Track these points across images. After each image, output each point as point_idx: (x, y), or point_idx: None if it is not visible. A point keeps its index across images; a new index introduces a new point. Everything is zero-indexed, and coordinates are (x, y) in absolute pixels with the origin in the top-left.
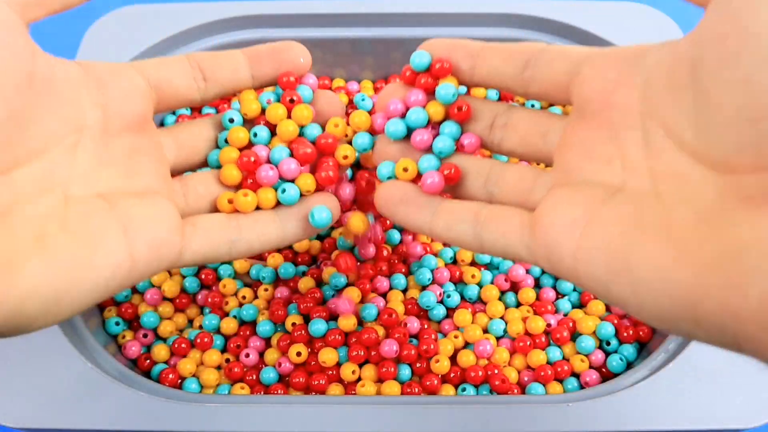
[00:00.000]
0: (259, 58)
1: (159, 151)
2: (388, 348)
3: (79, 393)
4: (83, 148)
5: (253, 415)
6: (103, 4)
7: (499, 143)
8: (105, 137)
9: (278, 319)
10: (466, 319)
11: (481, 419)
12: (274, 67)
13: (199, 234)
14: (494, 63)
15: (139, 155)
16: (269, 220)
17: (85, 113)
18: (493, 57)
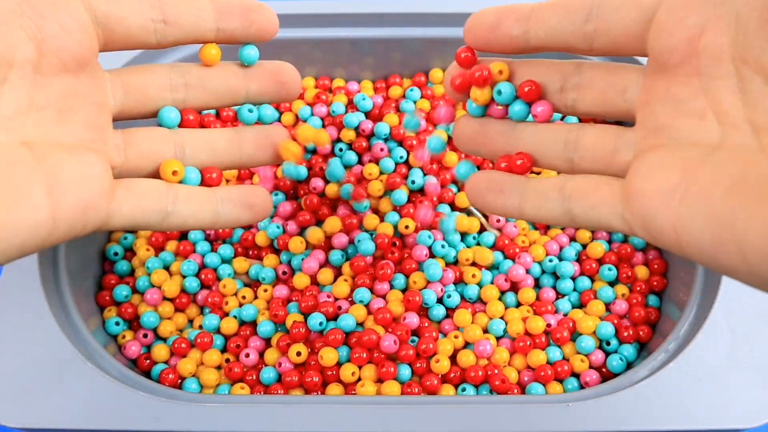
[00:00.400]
0: (228, 12)
1: (100, 96)
2: (387, 344)
3: (79, 393)
4: (11, 87)
5: (253, 415)
6: None
7: (573, 105)
8: (37, 76)
9: (279, 320)
10: (466, 319)
11: (481, 419)
12: (244, 25)
13: (132, 199)
14: (551, 21)
15: (75, 99)
16: (206, 199)
17: (16, 47)
18: (549, 15)
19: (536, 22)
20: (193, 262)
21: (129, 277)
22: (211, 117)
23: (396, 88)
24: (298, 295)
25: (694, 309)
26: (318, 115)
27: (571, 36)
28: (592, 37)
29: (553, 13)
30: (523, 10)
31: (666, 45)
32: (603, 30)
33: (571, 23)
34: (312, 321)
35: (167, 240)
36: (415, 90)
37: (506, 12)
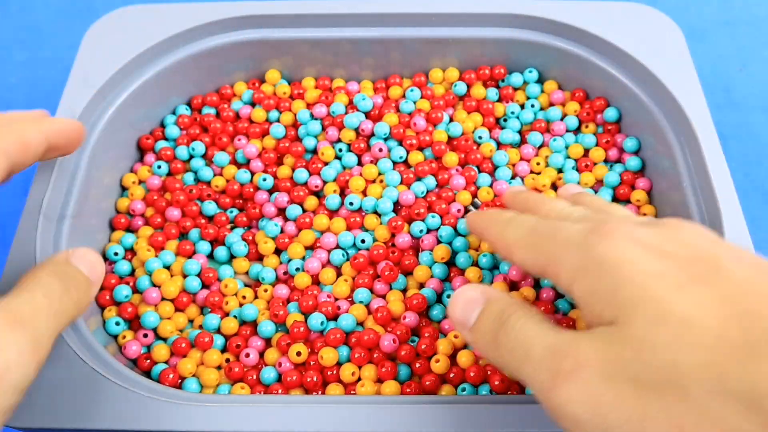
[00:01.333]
0: (56, 144)
1: None
2: (387, 343)
3: (79, 393)
4: None
5: (253, 415)
6: (103, 4)
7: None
8: None
9: (279, 320)
10: None
11: (481, 419)
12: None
13: None
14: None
15: None
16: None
17: None
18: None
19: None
20: (195, 261)
21: (129, 277)
22: (211, 116)
23: (396, 88)
24: (298, 294)
25: None
26: (317, 116)
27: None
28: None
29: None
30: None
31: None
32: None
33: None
34: (312, 321)
35: (167, 240)
36: (416, 90)
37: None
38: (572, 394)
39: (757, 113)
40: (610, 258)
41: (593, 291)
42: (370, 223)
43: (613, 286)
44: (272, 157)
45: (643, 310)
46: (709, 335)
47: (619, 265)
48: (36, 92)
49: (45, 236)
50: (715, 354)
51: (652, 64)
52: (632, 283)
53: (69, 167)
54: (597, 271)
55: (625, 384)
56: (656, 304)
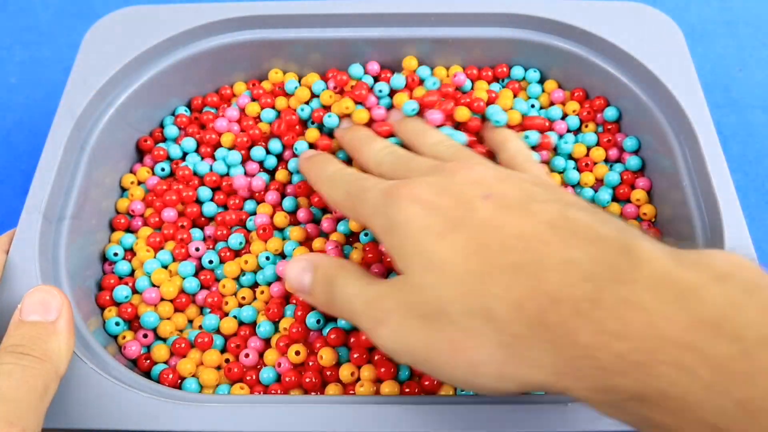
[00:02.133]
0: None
1: None
2: None
3: (79, 393)
4: None
5: (253, 415)
6: (103, 4)
7: None
8: None
9: (274, 316)
10: None
11: (481, 419)
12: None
13: None
14: None
15: None
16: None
17: None
18: None
19: None
20: (190, 263)
21: (129, 278)
22: (210, 115)
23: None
24: (296, 298)
25: None
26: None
27: None
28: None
29: None
30: None
31: None
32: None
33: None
34: (310, 320)
35: (166, 240)
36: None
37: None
38: (386, 334)
39: (756, 113)
40: (397, 220)
41: (391, 247)
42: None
43: (400, 243)
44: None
45: (418, 261)
46: (458, 270)
47: (403, 225)
48: (36, 92)
49: (45, 236)
50: (464, 284)
51: (652, 64)
52: (411, 239)
53: (69, 167)
54: (390, 232)
55: (416, 320)
56: (425, 255)
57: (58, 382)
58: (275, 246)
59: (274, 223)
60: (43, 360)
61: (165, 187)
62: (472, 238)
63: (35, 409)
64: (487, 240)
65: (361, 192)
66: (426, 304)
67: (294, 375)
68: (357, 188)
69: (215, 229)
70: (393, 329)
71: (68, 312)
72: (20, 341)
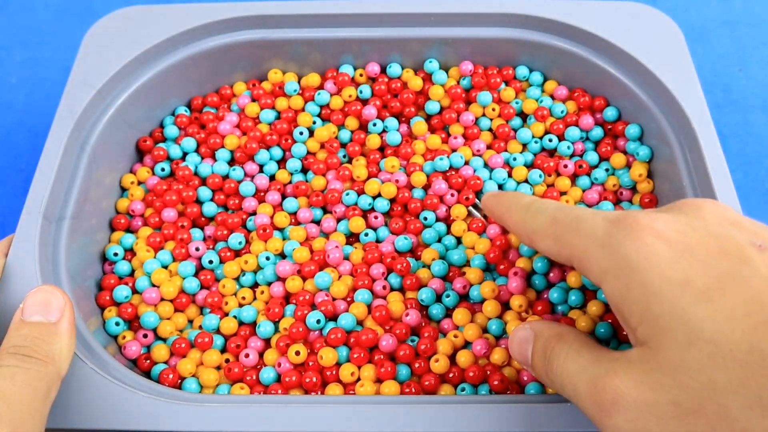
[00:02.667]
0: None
1: None
2: (385, 343)
3: (79, 393)
4: None
5: (253, 415)
6: (103, 4)
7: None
8: None
9: (274, 316)
10: (464, 319)
11: (481, 419)
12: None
13: None
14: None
15: None
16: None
17: None
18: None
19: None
20: (191, 263)
21: (129, 278)
22: (210, 115)
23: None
24: (296, 298)
25: None
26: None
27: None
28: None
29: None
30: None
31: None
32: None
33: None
34: (310, 319)
35: (166, 240)
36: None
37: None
38: (619, 425)
39: (756, 113)
40: (635, 260)
41: (623, 298)
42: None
43: (644, 300)
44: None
45: (674, 333)
46: (740, 350)
47: (646, 270)
48: (36, 92)
49: (45, 236)
50: (749, 368)
51: (652, 64)
52: (661, 298)
53: (69, 167)
54: (625, 275)
55: (667, 408)
56: (686, 326)
57: (59, 383)
58: (275, 246)
59: (274, 223)
60: (45, 362)
61: (165, 187)
62: (755, 303)
63: (38, 413)
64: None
65: (576, 220)
66: (687, 389)
67: (294, 375)
68: (568, 215)
69: (215, 229)
70: (628, 419)
71: (70, 313)
72: (22, 342)
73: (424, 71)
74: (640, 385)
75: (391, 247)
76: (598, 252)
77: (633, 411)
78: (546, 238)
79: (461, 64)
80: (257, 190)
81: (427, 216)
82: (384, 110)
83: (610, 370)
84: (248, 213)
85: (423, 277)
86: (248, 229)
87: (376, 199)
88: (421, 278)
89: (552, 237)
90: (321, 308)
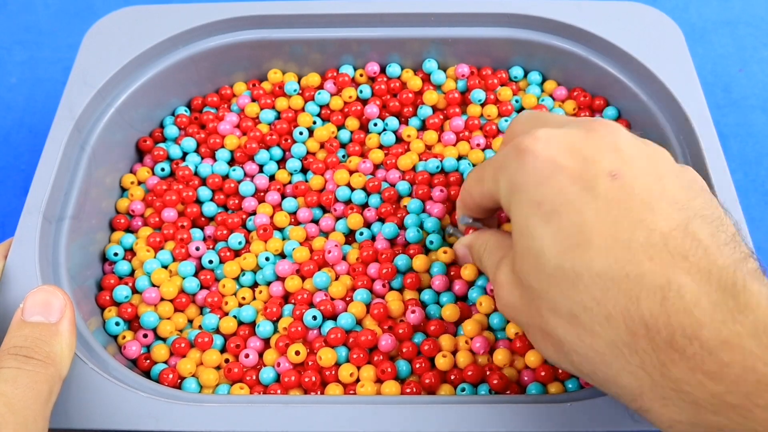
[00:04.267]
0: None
1: None
2: (385, 342)
3: (79, 393)
4: None
5: (253, 415)
6: (103, 4)
7: None
8: None
9: (272, 315)
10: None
11: (481, 419)
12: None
13: None
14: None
15: None
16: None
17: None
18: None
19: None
20: (191, 263)
21: (129, 278)
22: (210, 115)
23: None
24: (294, 298)
25: None
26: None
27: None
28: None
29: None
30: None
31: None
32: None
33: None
34: (307, 317)
35: (166, 240)
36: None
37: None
38: (499, 296)
39: (757, 113)
40: (517, 182)
41: (508, 212)
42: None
43: (515, 216)
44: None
45: (521, 245)
46: (549, 265)
47: (521, 191)
48: (36, 92)
49: (45, 236)
50: (552, 281)
51: (652, 64)
52: (523, 215)
53: (69, 167)
54: (512, 194)
55: (516, 299)
56: (527, 240)
57: (61, 384)
58: (275, 246)
59: (274, 222)
60: (47, 364)
61: (165, 187)
62: (574, 228)
63: (41, 415)
64: (591, 236)
65: (492, 159)
66: (521, 286)
67: (293, 375)
68: (489, 160)
69: (215, 229)
70: (502, 297)
71: (71, 313)
72: (23, 343)
73: (423, 71)
74: (506, 282)
75: (386, 243)
76: (499, 174)
77: (503, 299)
78: (474, 183)
79: (457, 67)
80: (257, 190)
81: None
82: (384, 110)
83: (501, 266)
84: (248, 213)
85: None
86: (248, 229)
87: (370, 197)
88: (422, 278)
89: (477, 180)
90: (320, 307)
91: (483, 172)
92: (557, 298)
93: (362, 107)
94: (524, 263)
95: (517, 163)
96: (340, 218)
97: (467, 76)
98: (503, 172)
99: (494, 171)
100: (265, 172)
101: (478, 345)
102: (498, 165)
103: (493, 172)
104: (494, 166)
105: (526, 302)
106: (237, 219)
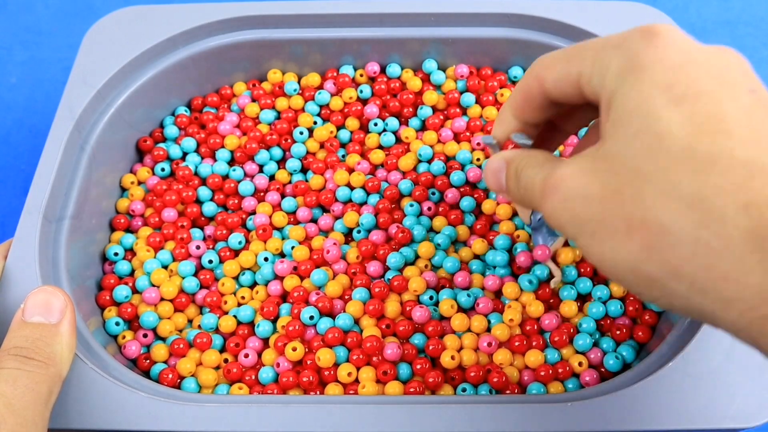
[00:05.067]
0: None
1: None
2: (391, 351)
3: (79, 393)
4: None
5: (252, 415)
6: (103, 4)
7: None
8: None
9: (269, 315)
10: (463, 324)
11: (482, 419)
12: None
13: None
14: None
15: None
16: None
17: None
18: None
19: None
20: (191, 263)
21: (129, 278)
22: (210, 115)
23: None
24: (291, 297)
25: None
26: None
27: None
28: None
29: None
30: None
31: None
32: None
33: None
34: (304, 315)
35: (166, 240)
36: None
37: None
38: (553, 206)
39: None
40: (644, 61)
41: (614, 93)
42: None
43: (631, 96)
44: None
45: (631, 125)
46: (676, 146)
47: (647, 69)
48: (36, 92)
49: (45, 236)
50: (677, 161)
51: None
52: (643, 96)
53: (69, 167)
54: (630, 72)
55: (594, 191)
56: (644, 120)
57: (61, 385)
58: (275, 245)
59: (273, 222)
60: (47, 364)
61: (165, 187)
62: (712, 116)
63: (41, 416)
64: (731, 127)
65: (592, 41)
66: (614, 175)
67: (292, 375)
68: (584, 42)
69: (215, 229)
70: (561, 200)
71: (71, 314)
72: (23, 343)
73: (423, 71)
74: (578, 172)
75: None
76: (611, 52)
77: (566, 192)
78: (557, 62)
79: (457, 67)
80: (257, 190)
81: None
82: (384, 110)
83: (561, 163)
84: (248, 213)
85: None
86: (248, 228)
87: (369, 196)
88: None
89: (563, 59)
90: (317, 305)
91: (575, 50)
92: (681, 180)
93: (362, 107)
94: (634, 145)
95: (645, 42)
96: (338, 217)
97: (467, 76)
98: (618, 51)
99: (600, 49)
100: (264, 172)
101: (485, 344)
102: (610, 44)
103: (597, 51)
104: (600, 45)
105: (610, 191)
106: (237, 219)
